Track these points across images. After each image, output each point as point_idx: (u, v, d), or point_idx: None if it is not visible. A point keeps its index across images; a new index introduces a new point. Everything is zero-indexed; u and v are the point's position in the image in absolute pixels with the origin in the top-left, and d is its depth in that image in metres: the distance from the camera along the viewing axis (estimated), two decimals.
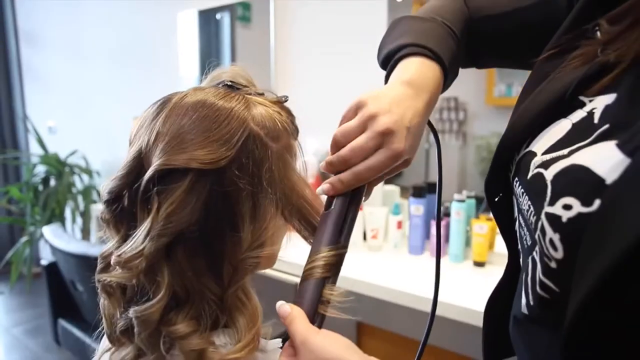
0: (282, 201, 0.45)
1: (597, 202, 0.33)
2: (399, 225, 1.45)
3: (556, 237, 0.36)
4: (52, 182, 2.87)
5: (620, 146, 0.34)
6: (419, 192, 1.41)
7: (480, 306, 0.56)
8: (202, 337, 0.41)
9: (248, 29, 2.12)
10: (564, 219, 0.35)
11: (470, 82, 1.72)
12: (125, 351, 0.45)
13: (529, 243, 0.42)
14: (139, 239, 0.41)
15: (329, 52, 1.82)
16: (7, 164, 3.40)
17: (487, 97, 1.76)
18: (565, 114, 0.41)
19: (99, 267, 0.45)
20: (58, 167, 2.82)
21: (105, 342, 0.49)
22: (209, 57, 2.25)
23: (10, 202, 3.02)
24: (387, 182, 1.71)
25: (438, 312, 1.20)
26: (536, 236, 0.39)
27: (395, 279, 1.23)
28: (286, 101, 0.51)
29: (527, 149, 0.43)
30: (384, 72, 0.55)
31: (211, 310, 0.42)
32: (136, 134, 0.44)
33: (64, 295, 1.82)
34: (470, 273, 1.29)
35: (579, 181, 0.35)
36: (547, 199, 0.37)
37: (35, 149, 3.18)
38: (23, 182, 2.97)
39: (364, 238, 1.52)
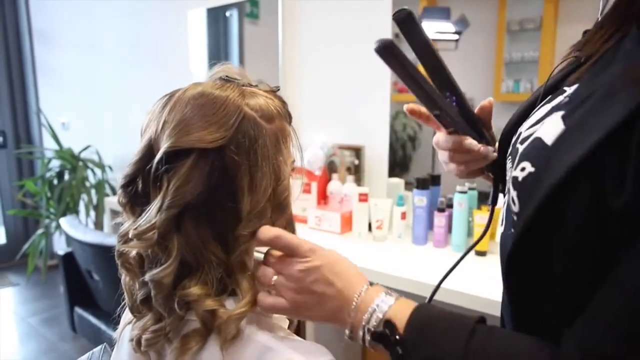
0: (274, 176, 0.50)
1: (540, 163, 0.42)
2: (403, 216, 1.49)
3: (514, 194, 0.45)
4: (66, 176, 2.94)
5: (563, 117, 0.43)
6: (422, 183, 1.45)
7: (482, 293, 0.61)
8: (214, 299, 0.47)
9: (256, 25, 2.16)
10: (520, 179, 0.44)
11: (477, 78, 1.75)
12: (146, 318, 0.50)
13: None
14: (152, 213, 0.47)
15: (335, 49, 1.85)
16: (22, 159, 3.48)
17: (494, 93, 1.78)
18: (550, 100, 0.49)
19: (118, 243, 0.51)
20: (72, 161, 2.89)
21: (127, 315, 0.55)
22: (218, 53, 2.29)
23: (25, 195, 3.10)
24: (392, 175, 1.76)
25: (441, 298, 1.23)
26: (508, 197, 0.48)
27: (400, 268, 1.28)
28: (278, 91, 0.56)
29: (518, 131, 0.51)
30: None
31: (219, 275, 0.48)
32: (147, 126, 0.51)
33: (80, 284, 1.87)
34: (472, 262, 1.33)
35: (533, 148, 0.45)
36: (514, 165, 0.46)
37: (49, 144, 3.25)
38: (38, 176, 3.04)
39: (369, 229, 1.56)
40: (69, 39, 3.16)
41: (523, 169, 0.44)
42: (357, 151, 1.78)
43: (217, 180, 0.47)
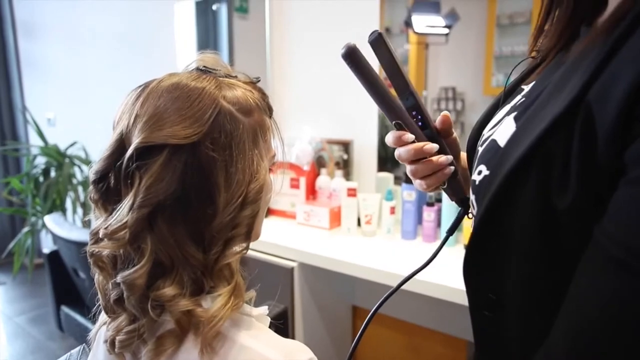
0: (249, 171, 0.48)
1: (494, 164, 0.43)
2: (392, 210, 1.48)
3: (473, 198, 0.46)
4: (52, 173, 2.89)
5: (515, 118, 0.44)
6: None
7: None
8: (190, 299, 0.45)
9: (246, 20, 2.13)
10: (477, 182, 0.45)
11: (467, 72, 1.74)
12: (120, 319, 0.49)
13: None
14: (123, 212, 0.45)
15: (324, 43, 1.83)
16: (7, 156, 3.42)
17: (484, 87, 1.78)
18: (510, 100, 0.50)
19: (89, 242, 0.49)
20: (58, 158, 2.84)
21: (102, 317, 0.53)
22: (207, 47, 2.26)
23: (11, 193, 3.05)
24: (384, 169, 1.75)
25: (430, 293, 1.23)
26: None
27: (389, 263, 1.27)
28: (258, 82, 0.54)
29: (482, 134, 0.52)
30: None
31: (196, 276, 0.46)
32: (119, 118, 0.48)
33: (66, 282, 1.85)
34: (461, 256, 1.32)
35: (489, 151, 0.45)
36: (474, 168, 0.47)
37: (34, 141, 3.20)
38: (23, 174, 2.99)
39: (358, 224, 1.55)
40: (55, 31, 3.10)
41: (480, 172, 0.44)
42: (346, 145, 1.77)
43: (192, 178, 0.45)
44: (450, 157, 0.55)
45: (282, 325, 1.43)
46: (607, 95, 0.33)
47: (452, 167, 0.55)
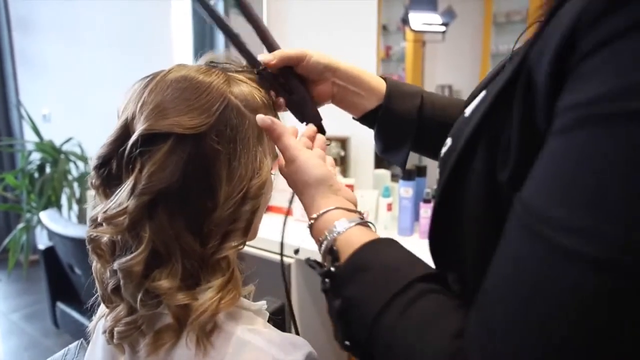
0: (252, 166, 0.48)
1: (456, 137, 0.40)
2: (389, 207, 1.48)
3: (438, 172, 0.44)
4: (48, 169, 2.88)
5: (486, 88, 0.41)
6: (408, 174, 1.45)
7: None
8: (186, 293, 0.45)
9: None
10: (441, 155, 0.43)
11: (464, 70, 1.75)
12: (119, 309, 0.48)
13: None
14: (122, 196, 0.44)
15: (321, 38, 1.83)
16: (2, 151, 3.40)
17: None
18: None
19: (89, 227, 0.49)
20: (53, 154, 2.83)
21: (101, 309, 0.53)
22: (203, 43, 2.25)
23: (5, 189, 3.03)
24: (381, 166, 1.75)
25: None
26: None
27: None
28: None
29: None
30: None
31: (193, 269, 0.46)
32: (124, 106, 0.48)
33: (61, 279, 1.84)
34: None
35: (458, 124, 0.43)
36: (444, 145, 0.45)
37: (29, 137, 3.18)
38: (18, 169, 2.97)
39: None
40: (50, 27, 3.08)
41: (445, 145, 0.42)
42: (343, 142, 1.77)
43: (195, 169, 0.45)
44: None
45: (279, 320, 1.43)
46: (543, 53, 0.30)
47: (282, 99, 0.58)
